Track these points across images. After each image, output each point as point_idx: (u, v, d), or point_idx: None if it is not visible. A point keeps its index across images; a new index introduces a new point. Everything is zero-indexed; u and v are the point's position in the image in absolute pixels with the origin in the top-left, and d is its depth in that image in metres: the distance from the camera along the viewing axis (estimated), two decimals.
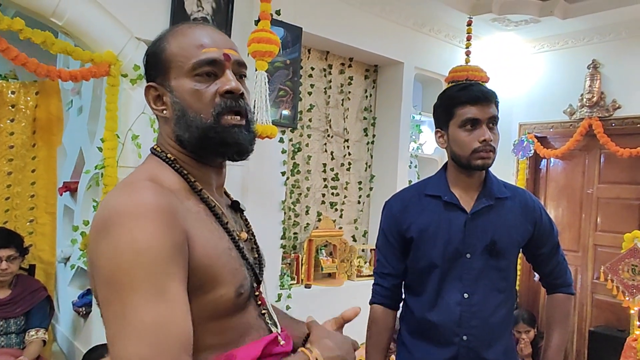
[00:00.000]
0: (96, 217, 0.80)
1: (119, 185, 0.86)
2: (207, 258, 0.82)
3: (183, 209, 0.82)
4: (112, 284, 0.73)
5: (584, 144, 4.15)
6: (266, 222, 3.19)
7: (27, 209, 3.10)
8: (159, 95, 0.91)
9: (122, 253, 0.73)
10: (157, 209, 0.77)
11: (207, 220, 0.87)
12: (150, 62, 0.93)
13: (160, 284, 0.74)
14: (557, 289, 1.72)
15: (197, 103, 0.88)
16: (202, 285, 0.81)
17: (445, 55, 4.15)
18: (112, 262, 0.74)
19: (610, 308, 3.96)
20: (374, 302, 1.70)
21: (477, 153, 1.51)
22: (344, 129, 3.97)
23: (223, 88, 0.88)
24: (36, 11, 2.41)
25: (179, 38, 0.90)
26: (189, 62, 0.88)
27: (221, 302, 0.83)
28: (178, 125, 0.89)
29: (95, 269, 0.77)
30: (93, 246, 0.78)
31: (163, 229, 0.76)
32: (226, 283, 0.84)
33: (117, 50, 2.60)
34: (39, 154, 3.08)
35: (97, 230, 0.78)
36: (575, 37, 4.11)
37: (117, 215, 0.76)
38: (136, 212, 0.76)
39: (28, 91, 3.06)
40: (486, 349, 1.53)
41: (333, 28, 3.48)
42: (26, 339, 2.72)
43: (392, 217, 1.66)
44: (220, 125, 0.88)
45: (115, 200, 0.79)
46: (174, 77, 0.89)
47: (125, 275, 0.73)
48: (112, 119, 2.60)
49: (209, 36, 0.91)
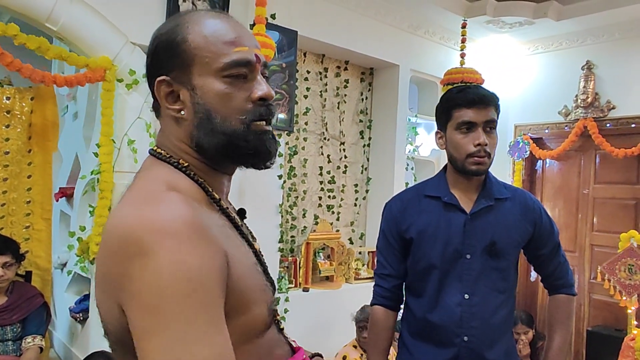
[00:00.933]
0: (116, 236, 0.69)
1: (134, 196, 0.75)
2: (242, 277, 0.75)
3: (213, 223, 0.75)
4: (158, 314, 0.63)
5: (579, 144, 4.16)
6: (263, 226, 3.18)
7: (23, 215, 3.09)
8: (173, 92, 0.80)
9: (168, 279, 0.64)
10: (196, 226, 0.68)
11: (232, 235, 0.80)
12: (163, 52, 0.79)
13: (212, 312, 0.66)
14: (558, 290, 1.72)
15: (226, 108, 0.78)
16: (237, 307, 0.73)
17: (441, 58, 4.17)
18: (156, 289, 0.64)
19: (608, 308, 3.97)
20: (374, 304, 1.71)
21: (472, 157, 1.51)
22: (340, 132, 3.98)
23: (257, 94, 0.80)
24: (31, 16, 2.41)
25: (203, 28, 0.79)
26: (218, 60, 0.78)
27: (255, 322, 0.78)
28: (200, 129, 0.79)
29: (131, 298, 0.66)
30: (121, 271, 0.67)
31: (207, 248, 0.68)
32: (259, 301, 0.79)
33: (113, 55, 2.60)
34: (35, 160, 3.07)
35: (126, 252, 0.66)
36: (569, 38, 4.13)
37: (155, 234, 0.65)
38: (175, 229, 0.66)
39: (23, 97, 3.05)
40: (487, 350, 1.53)
41: (328, 31, 3.49)
42: (23, 346, 2.70)
43: (392, 218, 1.67)
44: (250, 133, 0.80)
45: (145, 215, 0.68)
46: (198, 74, 0.78)
47: (174, 304, 0.63)
48: (108, 124, 2.59)
49: (239, 32, 0.81)
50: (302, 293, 3.46)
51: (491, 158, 1.54)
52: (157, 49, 0.81)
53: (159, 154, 0.82)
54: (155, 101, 0.83)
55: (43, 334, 2.78)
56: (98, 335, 2.84)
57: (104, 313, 0.74)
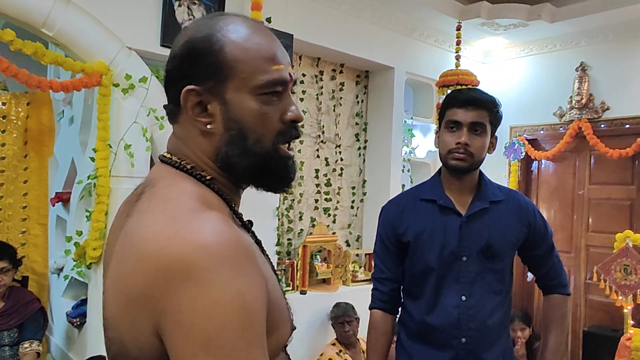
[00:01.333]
0: (159, 252, 0.62)
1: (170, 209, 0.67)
2: (274, 299, 0.71)
3: (253, 247, 0.71)
4: (216, 347, 0.59)
5: (574, 145, 4.18)
6: (260, 229, 3.15)
7: (19, 220, 3.09)
8: (202, 103, 0.74)
9: (227, 309, 0.59)
10: (244, 249, 0.64)
11: (260, 254, 0.76)
12: (196, 59, 0.73)
13: (264, 342, 0.63)
14: (553, 290, 1.74)
15: (261, 128, 0.74)
16: (269, 329, 0.67)
17: (436, 60, 4.19)
18: (213, 321, 0.59)
19: (604, 308, 3.98)
20: (373, 307, 1.72)
21: (452, 154, 1.56)
22: (335, 135, 3.98)
23: (290, 116, 0.76)
24: (27, 22, 2.41)
25: (243, 40, 0.74)
26: (258, 77, 0.73)
27: (282, 340, 0.76)
28: (231, 147, 0.74)
29: (177, 326, 0.60)
30: (163, 294, 0.61)
31: (257, 276, 0.64)
32: (285, 321, 0.76)
33: (109, 60, 2.60)
34: (31, 165, 3.07)
35: (172, 273, 0.60)
36: (564, 40, 4.16)
37: (208, 258, 0.60)
38: (229, 255, 0.62)
39: (19, 102, 3.05)
40: (485, 351, 1.55)
41: (324, 35, 3.50)
42: (20, 351, 2.70)
43: (389, 222, 1.68)
44: (279, 156, 0.77)
45: (191, 235, 0.62)
46: (233, 89, 0.73)
47: (234, 338, 0.59)
48: (104, 128, 2.60)
49: (277, 47, 0.77)
50: (299, 296, 3.46)
51: (474, 158, 1.56)
52: (189, 54, 0.74)
53: (178, 164, 0.76)
54: (172, 105, 0.78)
55: (40, 339, 2.78)
56: (95, 340, 2.84)
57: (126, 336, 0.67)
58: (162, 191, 0.71)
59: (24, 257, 2.95)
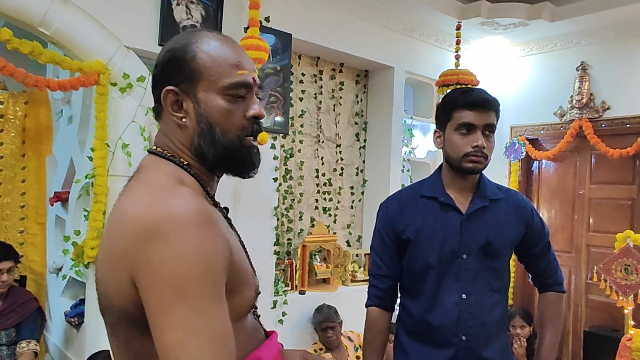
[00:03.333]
0: (133, 221, 0.77)
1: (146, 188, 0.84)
2: (238, 262, 0.86)
3: (216, 215, 0.85)
4: (179, 291, 0.73)
5: (575, 145, 4.17)
6: (259, 229, 3.18)
7: (17, 219, 3.08)
8: (178, 101, 0.90)
9: (189, 260, 0.73)
10: (208, 216, 0.79)
11: (227, 226, 0.92)
12: (174, 66, 0.90)
13: (221, 291, 0.77)
14: (548, 288, 1.74)
15: (226, 122, 0.89)
16: (233, 289, 0.83)
17: (436, 60, 4.17)
18: (178, 268, 0.73)
19: (605, 308, 3.96)
20: (370, 305, 1.70)
21: (468, 157, 1.53)
22: (335, 134, 3.97)
23: (251, 112, 0.92)
24: (24, 21, 2.40)
25: (211, 50, 0.89)
26: (223, 80, 0.89)
27: (245, 303, 0.89)
28: (202, 138, 0.89)
29: (148, 275, 0.75)
30: (138, 251, 0.75)
31: (218, 236, 0.79)
32: (249, 284, 0.90)
33: (106, 59, 2.59)
34: (29, 164, 3.07)
35: (144, 235, 0.75)
36: (564, 39, 4.14)
37: (174, 221, 0.75)
38: (192, 218, 0.76)
39: (17, 101, 3.05)
40: (484, 348, 1.55)
41: (323, 34, 3.49)
42: (17, 351, 2.70)
43: (388, 218, 1.67)
44: (244, 147, 0.92)
45: (164, 204, 0.77)
46: (203, 90, 0.89)
47: (195, 282, 0.73)
48: (102, 128, 2.59)
49: (243, 57, 0.93)
50: (298, 296, 3.45)
51: (488, 160, 1.56)
52: (169, 62, 0.90)
53: (161, 153, 0.92)
54: (157, 104, 0.94)
55: (38, 338, 2.78)
56: (93, 340, 2.83)
57: (109, 288, 0.81)
58: (146, 174, 0.88)
59: (23, 256, 2.95)
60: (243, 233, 1.47)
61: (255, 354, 0.86)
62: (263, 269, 3.23)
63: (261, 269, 3.20)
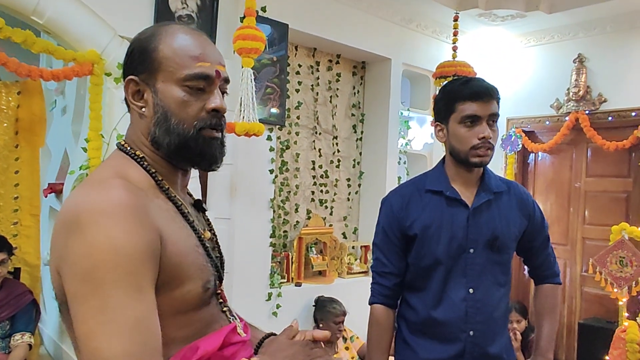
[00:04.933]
0: (64, 214, 0.80)
1: (86, 182, 0.87)
2: (177, 255, 0.84)
3: (154, 207, 0.85)
4: (89, 281, 0.74)
5: (571, 137, 4.17)
6: (255, 221, 3.17)
7: (10, 211, 3.05)
8: (139, 91, 0.91)
9: (99, 250, 0.74)
10: (130, 207, 0.79)
11: (175, 218, 0.90)
12: (137, 56, 0.91)
13: (138, 282, 0.76)
14: (545, 280, 1.74)
15: (182, 113, 0.89)
16: (170, 281, 0.83)
17: (433, 51, 4.15)
18: (88, 259, 0.74)
19: (599, 300, 3.98)
20: (374, 302, 1.66)
21: (475, 150, 1.50)
22: (332, 126, 3.95)
23: (211, 105, 0.91)
24: (16, 9, 2.36)
25: (173, 42, 0.90)
26: (181, 71, 0.89)
27: (188, 297, 0.87)
28: (158, 127, 0.90)
29: (65, 265, 0.78)
30: (62, 243, 0.79)
31: (138, 227, 0.78)
32: (194, 279, 0.87)
33: (101, 49, 2.56)
34: (22, 155, 3.03)
35: (67, 227, 0.78)
36: (561, 31, 4.13)
37: (90, 213, 0.77)
38: (110, 210, 0.77)
39: (10, 91, 3.01)
40: (490, 344, 1.54)
41: (320, 25, 3.46)
42: (12, 343, 2.68)
43: (393, 214, 1.62)
44: (201, 137, 0.91)
45: (86, 197, 0.80)
46: (162, 80, 0.89)
47: (104, 272, 0.74)
48: (96, 118, 2.56)
49: (205, 48, 0.92)
50: (294, 288, 3.45)
51: (493, 151, 1.54)
52: (133, 52, 0.92)
53: (121, 146, 0.94)
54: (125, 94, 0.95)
55: (32, 331, 2.76)
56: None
57: (51, 279, 0.85)
58: (96, 169, 0.92)
59: (17, 248, 2.93)
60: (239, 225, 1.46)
61: (195, 344, 0.86)
62: (259, 261, 3.22)
63: (257, 261, 3.22)
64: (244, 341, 0.95)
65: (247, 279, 3.10)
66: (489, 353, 1.53)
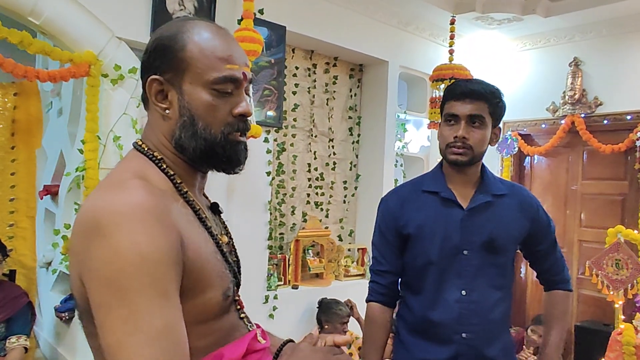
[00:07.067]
0: (84, 218, 0.76)
1: (105, 183, 0.83)
2: (198, 261, 0.81)
3: (175, 210, 0.81)
4: (115, 288, 0.71)
5: (567, 140, 4.18)
6: (252, 223, 3.16)
7: (6, 212, 3.04)
8: (162, 91, 0.87)
9: (124, 256, 0.71)
10: (153, 209, 0.75)
11: (194, 223, 0.86)
12: (161, 54, 0.86)
13: (164, 287, 0.73)
14: (555, 286, 1.72)
15: (210, 117, 0.86)
16: (192, 288, 0.80)
17: (430, 54, 4.16)
18: (113, 265, 0.71)
19: (596, 303, 3.99)
20: (371, 300, 1.68)
21: (450, 148, 1.54)
22: (329, 129, 3.96)
23: (238, 110, 0.88)
24: (13, 10, 2.36)
25: (202, 41, 0.86)
26: (210, 73, 0.85)
27: (209, 305, 0.84)
28: (183, 130, 0.86)
29: (89, 272, 0.74)
30: (83, 248, 0.75)
31: (161, 230, 0.75)
32: (214, 286, 0.84)
33: (97, 50, 2.55)
34: (19, 157, 3.02)
35: (87, 231, 0.74)
36: (557, 35, 4.15)
37: (113, 216, 0.73)
38: (133, 213, 0.74)
39: (6, 92, 3.00)
40: (486, 347, 1.53)
41: (317, 27, 3.47)
42: (7, 346, 2.66)
43: (389, 213, 1.65)
44: (228, 143, 0.88)
45: (107, 200, 0.76)
46: (189, 82, 0.85)
47: (130, 279, 0.71)
48: (93, 120, 2.55)
49: (234, 50, 0.88)
50: (291, 290, 3.44)
51: (474, 152, 1.53)
52: (157, 49, 0.87)
53: (138, 147, 0.90)
54: (144, 93, 0.90)
55: (28, 333, 2.74)
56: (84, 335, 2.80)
57: (72, 286, 0.82)
58: (113, 171, 0.87)
59: (12, 250, 2.91)
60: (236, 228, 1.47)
61: (219, 351, 0.84)
62: (256, 264, 3.21)
63: (254, 263, 3.21)
64: (264, 348, 0.93)
65: (244, 282, 3.07)
66: (485, 356, 1.53)
